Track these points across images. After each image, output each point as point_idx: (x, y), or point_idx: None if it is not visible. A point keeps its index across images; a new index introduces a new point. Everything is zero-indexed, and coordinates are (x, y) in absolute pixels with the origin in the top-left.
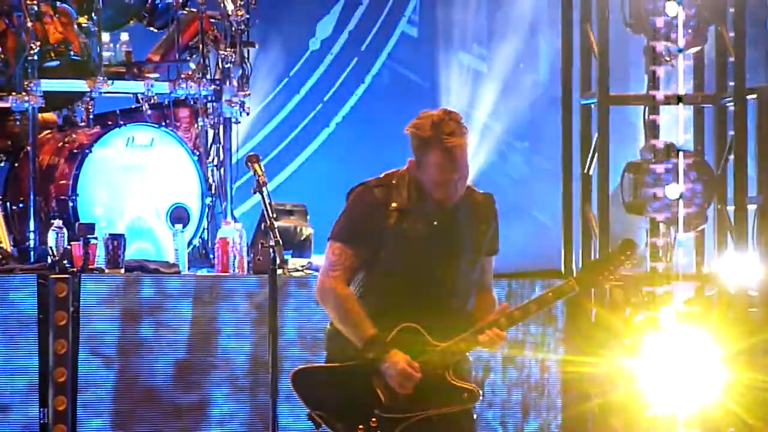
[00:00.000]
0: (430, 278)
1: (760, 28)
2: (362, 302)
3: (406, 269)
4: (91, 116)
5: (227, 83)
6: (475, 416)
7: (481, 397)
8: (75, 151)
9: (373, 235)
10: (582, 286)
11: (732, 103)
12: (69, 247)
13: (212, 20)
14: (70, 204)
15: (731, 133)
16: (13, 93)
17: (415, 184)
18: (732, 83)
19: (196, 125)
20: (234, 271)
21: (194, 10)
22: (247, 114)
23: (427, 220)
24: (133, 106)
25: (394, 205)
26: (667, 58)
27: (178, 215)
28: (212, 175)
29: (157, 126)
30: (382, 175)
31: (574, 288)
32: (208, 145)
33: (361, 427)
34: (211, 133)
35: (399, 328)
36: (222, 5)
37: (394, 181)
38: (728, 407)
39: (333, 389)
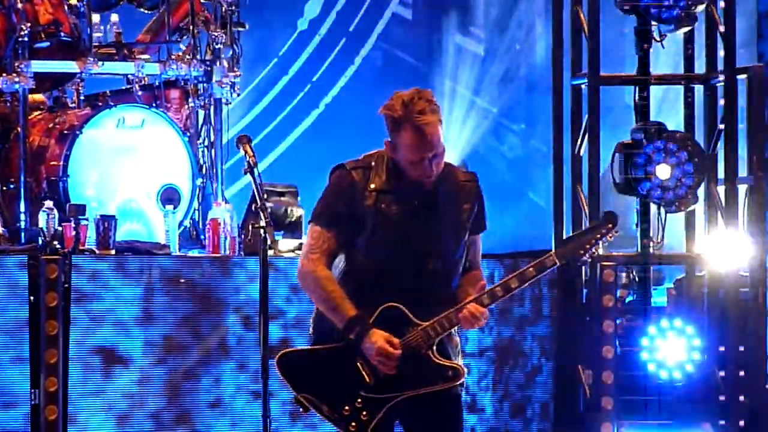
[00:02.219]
0: (411, 258)
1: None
2: (344, 284)
3: (386, 250)
4: (81, 97)
5: (218, 64)
6: (461, 394)
7: (466, 375)
8: (65, 132)
9: (353, 216)
10: (563, 260)
11: (722, 83)
12: (60, 228)
13: (202, 1)
14: (61, 185)
15: (721, 112)
16: (4, 74)
17: (393, 165)
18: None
19: (186, 106)
20: (225, 251)
21: None
22: (238, 95)
23: (407, 200)
24: (123, 87)
25: (372, 186)
26: (658, 39)
27: (169, 196)
28: (203, 156)
29: (147, 107)
30: (360, 157)
31: (555, 262)
32: (199, 126)
33: (347, 408)
34: (201, 114)
35: (381, 308)
36: None
37: (372, 163)
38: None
39: (318, 371)
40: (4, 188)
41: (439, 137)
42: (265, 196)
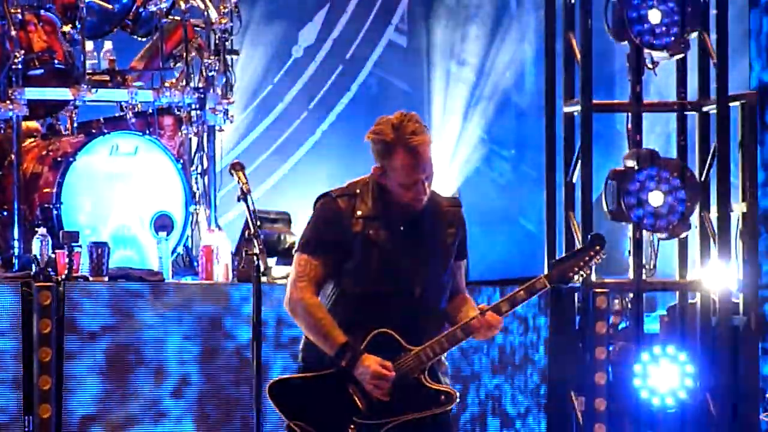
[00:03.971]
0: (399, 284)
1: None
2: (333, 312)
3: (374, 276)
4: (75, 124)
5: (211, 91)
6: (452, 416)
7: (458, 399)
8: (59, 159)
9: (339, 244)
10: (552, 282)
11: (715, 110)
12: (53, 255)
13: (196, 28)
14: (54, 212)
15: (714, 140)
16: None
17: (380, 192)
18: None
19: (180, 133)
20: (218, 279)
21: (178, 18)
22: (231, 122)
23: (394, 226)
24: (117, 114)
25: (359, 213)
26: (650, 66)
27: (162, 223)
28: (196, 183)
29: (141, 134)
30: (345, 185)
31: (545, 284)
32: (192, 153)
33: None
34: (195, 141)
35: (372, 334)
36: (205, 13)
37: (357, 190)
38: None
39: (310, 399)
40: None
41: (430, 158)
42: (259, 223)
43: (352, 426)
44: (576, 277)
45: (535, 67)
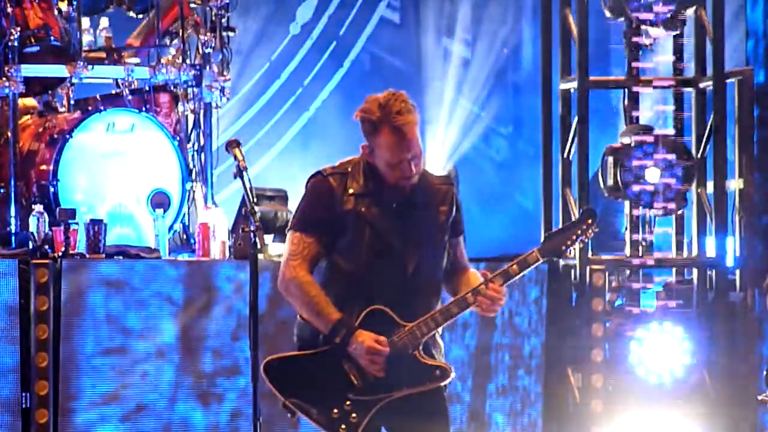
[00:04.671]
0: (392, 260)
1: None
2: (326, 289)
3: (368, 253)
4: (71, 102)
5: (207, 68)
6: (446, 395)
7: (452, 375)
8: (55, 136)
9: (331, 222)
10: (545, 256)
11: (711, 87)
12: (50, 232)
13: (192, 5)
14: (51, 189)
15: (711, 116)
16: None
17: (370, 170)
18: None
19: (176, 110)
20: (214, 256)
21: None
22: (228, 99)
23: (385, 203)
24: (113, 92)
25: (351, 191)
26: (647, 43)
27: (159, 201)
28: (193, 161)
29: (137, 111)
30: (336, 164)
31: (538, 258)
32: (189, 131)
33: (335, 411)
34: (191, 118)
35: (366, 311)
36: None
37: (349, 169)
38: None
39: (305, 376)
40: None
41: (417, 137)
42: (255, 200)
43: (347, 402)
44: (568, 250)
45: (532, 44)
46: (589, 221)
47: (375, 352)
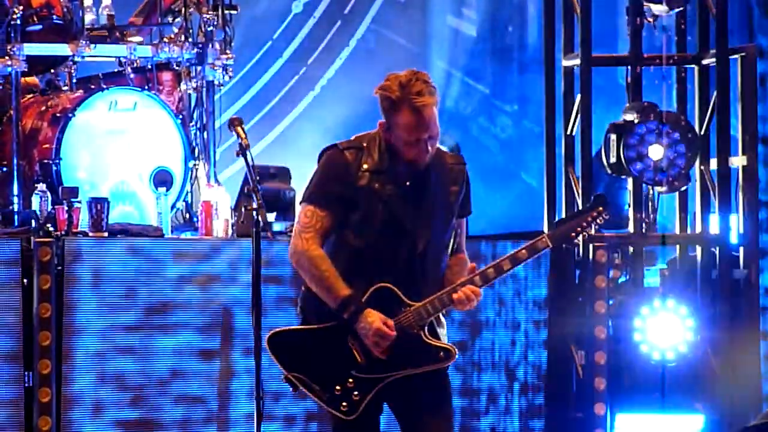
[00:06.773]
0: (403, 238)
1: None
2: (336, 264)
3: (378, 230)
4: (73, 80)
5: (210, 46)
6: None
7: (456, 356)
8: (58, 114)
9: (344, 196)
10: (555, 243)
11: (714, 63)
12: (53, 210)
13: None
14: (54, 168)
15: (714, 93)
16: None
17: (386, 146)
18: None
19: (179, 89)
20: (217, 234)
21: None
22: (230, 77)
23: (399, 180)
24: (115, 70)
25: (365, 166)
26: (650, 19)
27: (162, 179)
28: (195, 139)
29: (140, 89)
30: (352, 138)
31: (548, 244)
32: (191, 109)
33: (338, 388)
34: (194, 96)
35: (373, 288)
36: None
37: (364, 144)
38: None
39: (309, 351)
40: None
41: (435, 119)
42: (258, 178)
43: (350, 380)
44: (578, 237)
45: (537, 22)
46: (600, 209)
47: (382, 335)
